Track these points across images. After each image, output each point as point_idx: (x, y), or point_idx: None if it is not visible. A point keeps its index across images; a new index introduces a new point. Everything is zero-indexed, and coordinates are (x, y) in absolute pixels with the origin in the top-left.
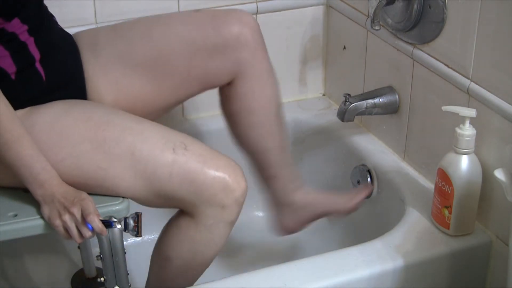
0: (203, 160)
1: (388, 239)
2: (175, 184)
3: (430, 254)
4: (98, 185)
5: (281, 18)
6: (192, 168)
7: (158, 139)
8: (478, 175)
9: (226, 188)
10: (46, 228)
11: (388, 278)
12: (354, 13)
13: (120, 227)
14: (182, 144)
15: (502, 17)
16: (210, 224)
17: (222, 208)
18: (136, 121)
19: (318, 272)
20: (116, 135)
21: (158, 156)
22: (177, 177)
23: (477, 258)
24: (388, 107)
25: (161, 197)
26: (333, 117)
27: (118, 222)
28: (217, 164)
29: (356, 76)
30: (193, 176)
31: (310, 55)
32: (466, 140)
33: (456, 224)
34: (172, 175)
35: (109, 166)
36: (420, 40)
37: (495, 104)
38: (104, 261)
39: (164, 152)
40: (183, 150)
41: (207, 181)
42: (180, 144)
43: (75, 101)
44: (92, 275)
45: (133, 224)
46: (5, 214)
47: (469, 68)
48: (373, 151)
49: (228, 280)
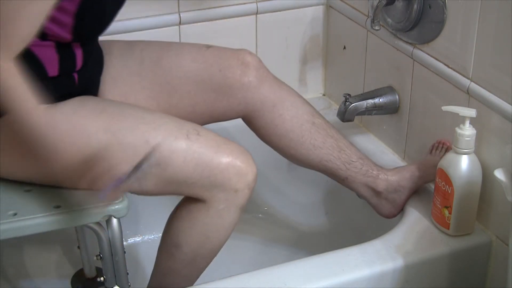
0: (216, 145)
1: (388, 239)
2: (189, 169)
3: (430, 254)
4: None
5: (281, 18)
6: (206, 153)
7: (171, 126)
8: (478, 175)
9: (239, 172)
10: (46, 227)
11: (388, 278)
12: (354, 13)
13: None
14: (194, 131)
15: (502, 17)
16: (221, 208)
17: (235, 192)
18: (148, 111)
19: (318, 272)
20: (130, 124)
21: (173, 142)
22: (191, 162)
23: (477, 258)
24: (388, 107)
25: (173, 184)
26: (333, 117)
27: None
28: (230, 149)
29: (356, 76)
30: (208, 161)
31: (310, 55)
32: (466, 140)
33: (456, 224)
34: (186, 161)
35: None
36: (420, 40)
37: (495, 104)
38: (103, 261)
39: (178, 138)
40: (196, 135)
41: (221, 166)
42: (193, 130)
43: (89, 96)
44: (92, 275)
45: None
46: (5, 213)
47: (469, 68)
48: (373, 151)
49: (228, 280)
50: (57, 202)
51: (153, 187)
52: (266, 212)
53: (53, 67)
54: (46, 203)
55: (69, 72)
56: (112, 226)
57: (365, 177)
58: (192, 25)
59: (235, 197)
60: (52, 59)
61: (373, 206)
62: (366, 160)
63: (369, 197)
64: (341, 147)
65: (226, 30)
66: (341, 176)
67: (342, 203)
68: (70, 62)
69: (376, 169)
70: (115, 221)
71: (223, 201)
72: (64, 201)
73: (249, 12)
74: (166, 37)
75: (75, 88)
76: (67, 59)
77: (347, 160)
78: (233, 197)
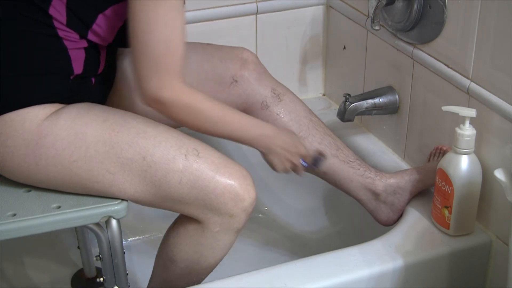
0: (215, 168)
1: (388, 239)
2: (184, 190)
3: (430, 254)
4: (104, 189)
5: (281, 18)
6: (203, 176)
7: (171, 144)
8: (478, 175)
9: (236, 197)
10: (45, 228)
11: (388, 278)
12: (354, 13)
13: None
14: (194, 151)
15: (502, 17)
16: (216, 231)
17: (230, 217)
18: (152, 125)
19: (318, 272)
20: (130, 138)
21: (170, 162)
22: (187, 184)
23: (477, 258)
24: (388, 107)
25: (168, 201)
26: (333, 117)
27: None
28: (229, 173)
29: (356, 76)
30: (204, 184)
31: (310, 55)
32: (466, 140)
33: (456, 224)
34: (182, 182)
35: (118, 171)
36: (420, 40)
37: (495, 104)
38: (103, 262)
39: (176, 158)
40: (195, 157)
41: (217, 190)
42: (192, 150)
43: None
44: (91, 275)
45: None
46: (4, 214)
47: (469, 68)
48: (373, 151)
49: (228, 280)
50: (56, 202)
51: (149, 203)
52: (266, 212)
53: (77, 64)
54: (45, 203)
55: (91, 75)
56: (112, 227)
57: (363, 178)
58: (192, 25)
59: (231, 222)
60: (79, 57)
61: (371, 211)
62: (363, 162)
63: (367, 200)
64: (339, 146)
65: (226, 30)
66: (338, 176)
67: (342, 203)
68: (95, 63)
69: (374, 171)
70: (114, 222)
71: (218, 225)
72: (63, 201)
73: (249, 12)
74: None
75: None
76: (91, 60)
77: (345, 160)
78: (228, 221)
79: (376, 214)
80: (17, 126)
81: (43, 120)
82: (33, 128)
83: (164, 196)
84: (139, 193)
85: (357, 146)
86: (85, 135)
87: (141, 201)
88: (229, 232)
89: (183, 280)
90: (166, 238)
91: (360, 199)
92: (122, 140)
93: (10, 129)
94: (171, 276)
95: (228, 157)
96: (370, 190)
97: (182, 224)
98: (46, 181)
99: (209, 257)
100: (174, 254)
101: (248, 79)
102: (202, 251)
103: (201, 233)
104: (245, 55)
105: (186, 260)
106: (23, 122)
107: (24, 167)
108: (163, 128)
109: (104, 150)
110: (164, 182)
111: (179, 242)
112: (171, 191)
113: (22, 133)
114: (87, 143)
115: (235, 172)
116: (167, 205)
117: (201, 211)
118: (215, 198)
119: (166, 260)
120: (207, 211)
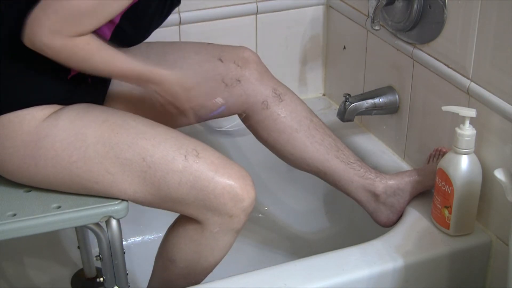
0: (214, 168)
1: (388, 239)
2: (183, 191)
3: (430, 254)
4: (104, 190)
5: (281, 18)
6: (202, 176)
7: (170, 145)
8: (478, 175)
9: (235, 197)
10: (45, 228)
11: (388, 278)
12: (354, 13)
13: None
14: (194, 151)
15: (502, 17)
16: (216, 231)
17: (229, 217)
18: (151, 125)
19: (318, 272)
20: (129, 139)
21: (169, 162)
22: (186, 184)
23: (477, 258)
24: (388, 107)
25: (168, 202)
26: (333, 117)
27: None
28: (228, 173)
29: (356, 76)
30: (203, 185)
31: (310, 55)
32: (466, 140)
33: (456, 224)
34: (181, 183)
35: (118, 172)
36: (420, 40)
37: (495, 104)
38: (103, 262)
39: (175, 159)
40: (195, 157)
41: (217, 190)
42: (192, 151)
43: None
44: (91, 275)
45: None
46: (4, 214)
47: (469, 68)
48: (373, 151)
49: (228, 280)
50: (56, 202)
51: (148, 203)
52: (266, 212)
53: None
54: (45, 203)
55: (87, 74)
56: (112, 227)
57: (363, 179)
58: (192, 25)
59: (230, 222)
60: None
61: (370, 213)
62: (363, 163)
63: (367, 202)
64: (339, 147)
65: (226, 30)
66: (338, 177)
67: (342, 203)
68: None
69: (374, 172)
70: (114, 222)
71: (218, 225)
72: (63, 201)
73: (249, 12)
74: (166, 37)
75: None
76: None
77: (346, 160)
78: (227, 222)
79: (376, 215)
80: (16, 128)
81: (42, 121)
82: (31, 129)
83: (163, 197)
84: (138, 194)
85: (357, 146)
86: (84, 136)
87: (141, 201)
88: (229, 232)
89: (183, 280)
90: (166, 239)
91: (360, 200)
92: (121, 141)
93: (9, 131)
94: (171, 276)
95: (227, 158)
96: (370, 191)
97: (182, 224)
98: (45, 182)
99: (209, 257)
100: (173, 254)
101: (249, 79)
102: (202, 251)
103: (201, 234)
104: (246, 54)
105: (186, 260)
106: (21, 123)
107: (23, 168)
108: (163, 128)
109: (103, 150)
110: (163, 183)
111: (179, 242)
112: (171, 192)
113: (21, 135)
114: (87, 143)
115: (235, 173)
116: (167, 205)
117: (201, 211)
118: (214, 198)
119: (166, 260)
120: (207, 211)
